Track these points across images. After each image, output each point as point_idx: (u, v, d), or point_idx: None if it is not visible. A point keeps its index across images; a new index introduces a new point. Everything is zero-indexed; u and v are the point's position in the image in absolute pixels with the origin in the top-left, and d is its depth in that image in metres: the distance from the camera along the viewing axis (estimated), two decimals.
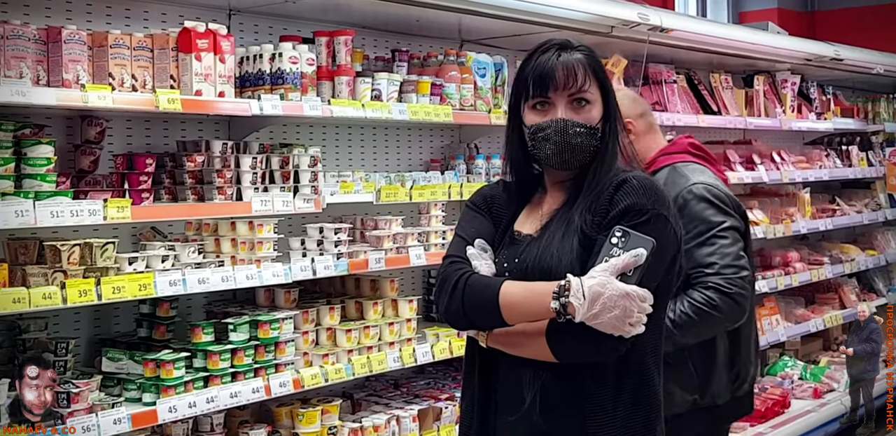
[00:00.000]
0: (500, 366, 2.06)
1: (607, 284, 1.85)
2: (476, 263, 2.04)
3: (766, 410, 5.33)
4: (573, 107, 2.04)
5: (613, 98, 2.11)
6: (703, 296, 2.63)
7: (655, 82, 5.49)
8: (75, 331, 3.43)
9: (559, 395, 1.98)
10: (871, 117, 7.62)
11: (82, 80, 3.00)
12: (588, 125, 2.04)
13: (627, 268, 1.87)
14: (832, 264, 6.57)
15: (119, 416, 2.99)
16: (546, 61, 2.04)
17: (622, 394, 1.98)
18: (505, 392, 2.05)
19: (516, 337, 1.98)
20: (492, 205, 2.16)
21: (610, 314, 1.84)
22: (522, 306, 1.93)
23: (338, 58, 3.76)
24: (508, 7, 4.13)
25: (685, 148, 2.98)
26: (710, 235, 2.70)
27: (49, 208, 2.81)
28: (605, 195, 2.00)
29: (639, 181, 2.01)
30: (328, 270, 3.59)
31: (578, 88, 2.03)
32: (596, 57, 2.10)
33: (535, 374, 1.99)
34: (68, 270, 2.90)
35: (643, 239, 1.89)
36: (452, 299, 2.00)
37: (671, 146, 3.00)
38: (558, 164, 2.05)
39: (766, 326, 5.92)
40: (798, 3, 11.08)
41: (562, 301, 1.86)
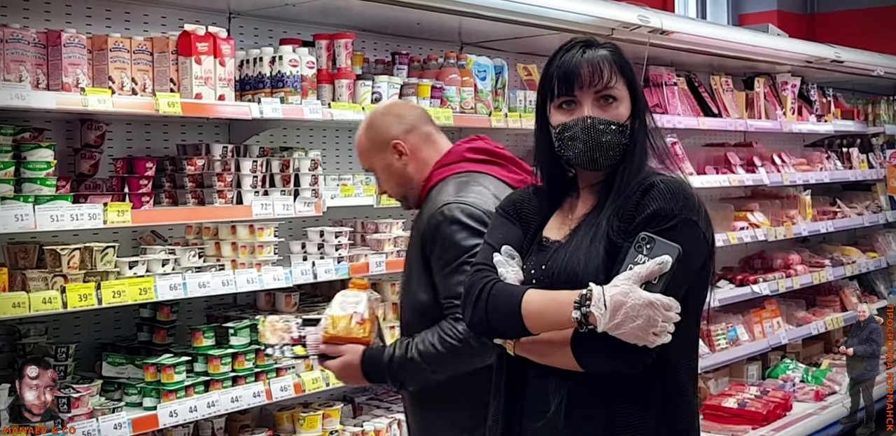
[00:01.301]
0: (527, 373, 2.03)
1: (630, 293, 1.80)
2: (502, 270, 2.00)
3: (768, 413, 5.32)
4: (600, 104, 1.99)
5: (642, 95, 2.06)
6: (452, 328, 2.37)
7: (656, 85, 5.48)
8: (75, 335, 3.42)
9: (585, 403, 1.94)
10: (871, 119, 7.61)
11: (82, 83, 2.99)
12: (617, 122, 1.99)
13: (652, 276, 1.82)
14: (833, 267, 6.57)
15: (120, 421, 2.98)
16: (571, 59, 1.99)
17: (651, 404, 1.93)
18: (531, 399, 2.02)
19: (542, 346, 1.95)
20: (521, 210, 2.11)
21: (633, 324, 1.79)
22: (545, 316, 1.90)
23: (338, 61, 3.75)
24: (509, 10, 4.12)
25: (461, 156, 2.63)
26: (460, 263, 2.38)
27: (49, 212, 2.80)
28: (633, 200, 1.95)
29: (667, 185, 1.96)
30: (329, 274, 3.58)
31: (605, 85, 1.98)
32: (622, 53, 2.05)
33: (561, 382, 1.95)
34: (68, 275, 2.89)
35: (669, 246, 1.83)
36: (476, 309, 1.98)
37: (447, 156, 2.65)
38: (587, 163, 2.00)
39: (768, 328, 5.92)
40: (798, 5, 11.09)
41: (583, 311, 1.82)
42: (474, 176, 2.58)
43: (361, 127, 2.71)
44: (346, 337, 2.46)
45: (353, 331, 2.46)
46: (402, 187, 2.69)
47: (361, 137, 2.70)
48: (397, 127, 2.65)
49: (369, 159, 2.70)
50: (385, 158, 2.65)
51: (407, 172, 2.65)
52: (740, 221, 5.83)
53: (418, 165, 2.64)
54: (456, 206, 2.45)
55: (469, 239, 2.41)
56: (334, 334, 2.46)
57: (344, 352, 2.46)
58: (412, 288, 2.55)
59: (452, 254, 2.42)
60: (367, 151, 2.69)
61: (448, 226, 2.43)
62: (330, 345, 2.47)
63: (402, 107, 2.80)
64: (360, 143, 2.71)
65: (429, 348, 2.40)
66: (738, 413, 5.27)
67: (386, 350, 2.46)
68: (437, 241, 2.46)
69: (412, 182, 2.66)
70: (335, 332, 2.46)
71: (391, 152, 2.64)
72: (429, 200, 2.58)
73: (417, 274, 2.52)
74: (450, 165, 2.62)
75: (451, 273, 2.41)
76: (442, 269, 2.44)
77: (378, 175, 2.72)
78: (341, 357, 2.47)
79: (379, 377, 2.47)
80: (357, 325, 2.47)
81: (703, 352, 5.30)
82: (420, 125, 2.68)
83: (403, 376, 2.44)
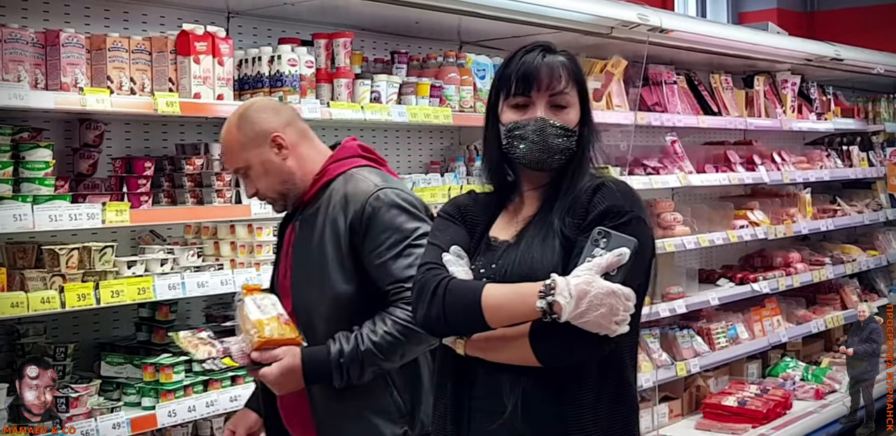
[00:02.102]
0: (476, 373, 2.03)
1: (593, 282, 1.84)
2: (453, 269, 2.02)
3: (768, 411, 5.32)
4: (552, 109, 2.05)
5: (590, 104, 2.12)
6: (406, 313, 2.28)
7: (655, 83, 5.48)
8: (74, 335, 3.42)
9: (541, 400, 1.96)
10: (871, 117, 7.60)
11: (80, 83, 2.99)
12: (567, 127, 2.05)
13: (611, 267, 1.86)
14: (833, 265, 6.57)
15: (118, 420, 2.98)
16: (531, 61, 2.05)
17: (603, 395, 1.97)
18: (483, 400, 2.02)
19: (497, 342, 1.97)
20: (465, 213, 2.15)
21: (596, 312, 1.83)
22: (506, 308, 1.92)
23: (337, 60, 3.75)
24: (508, 8, 4.12)
25: (356, 151, 2.60)
26: (406, 245, 2.36)
27: (47, 212, 2.80)
28: (583, 199, 2.00)
29: (616, 185, 2.02)
30: None
31: (560, 90, 2.04)
32: (577, 62, 2.12)
33: (516, 380, 1.97)
34: (67, 275, 2.89)
35: (625, 239, 1.89)
36: (432, 305, 1.98)
37: (340, 151, 2.59)
38: (533, 163, 2.05)
39: (768, 327, 5.92)
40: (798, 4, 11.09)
41: (548, 300, 1.85)
42: (376, 170, 2.54)
43: (231, 122, 2.53)
44: (280, 339, 2.31)
45: (286, 332, 2.32)
46: (283, 184, 2.52)
47: (232, 133, 2.52)
48: (275, 120, 2.52)
49: (242, 156, 2.51)
50: (262, 153, 2.49)
51: (287, 167, 2.51)
52: (740, 220, 5.83)
53: (298, 160, 2.53)
54: (391, 190, 2.42)
55: (410, 222, 2.39)
56: (268, 338, 2.29)
57: (280, 356, 2.32)
58: (325, 283, 2.42)
59: (396, 237, 2.37)
60: (241, 147, 2.50)
61: (387, 210, 2.38)
62: (263, 351, 2.31)
63: (275, 102, 2.68)
64: (232, 138, 2.52)
65: (385, 336, 2.32)
66: (738, 412, 5.27)
67: (330, 346, 2.34)
68: (373, 227, 2.38)
69: (294, 178, 2.52)
70: (268, 336, 2.29)
71: (270, 146, 2.49)
72: (332, 193, 2.46)
73: (338, 266, 2.40)
74: (345, 160, 2.55)
75: (395, 257, 2.35)
76: (382, 255, 2.36)
77: (251, 173, 2.53)
78: (278, 362, 2.31)
79: (323, 376, 2.34)
80: (286, 325, 2.33)
81: (704, 350, 5.31)
82: (296, 121, 2.59)
83: (353, 370, 2.33)
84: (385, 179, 2.50)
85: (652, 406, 5.06)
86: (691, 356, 5.20)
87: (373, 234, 2.38)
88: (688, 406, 5.47)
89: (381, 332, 2.32)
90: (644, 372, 4.85)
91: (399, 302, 2.34)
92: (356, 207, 2.40)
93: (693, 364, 5.17)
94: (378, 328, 2.33)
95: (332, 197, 2.46)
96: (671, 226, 5.19)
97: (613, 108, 4.97)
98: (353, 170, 2.52)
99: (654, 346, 5.05)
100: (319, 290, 2.44)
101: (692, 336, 5.33)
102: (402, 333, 2.32)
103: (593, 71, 4.90)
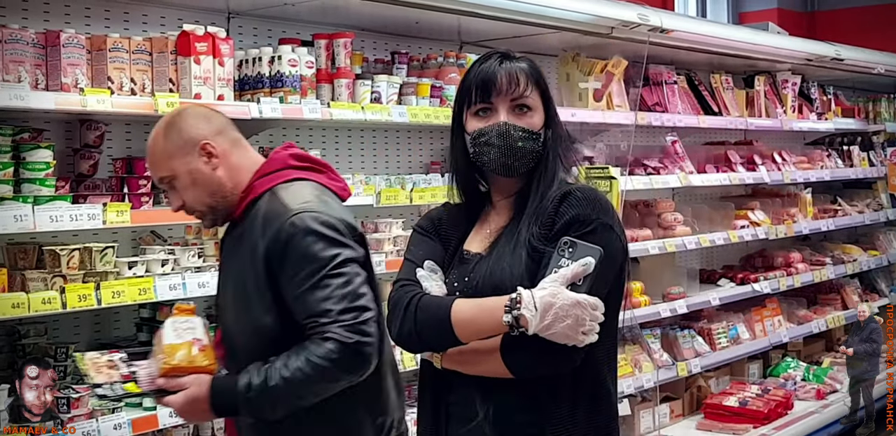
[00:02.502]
0: (453, 385, 2.07)
1: (558, 294, 1.85)
2: (426, 284, 2.05)
3: (770, 411, 5.32)
4: (515, 113, 2.05)
5: (555, 107, 2.12)
6: (320, 349, 2.10)
7: (656, 83, 5.48)
8: (75, 336, 3.42)
9: (513, 408, 1.99)
10: (872, 117, 7.61)
11: (81, 84, 2.99)
12: (530, 130, 2.05)
13: (577, 277, 1.88)
14: (834, 265, 6.56)
15: (119, 421, 2.98)
16: (489, 68, 2.07)
17: (579, 405, 1.99)
18: (456, 406, 2.06)
19: (470, 355, 1.99)
20: (439, 227, 2.17)
21: (562, 324, 1.84)
22: (475, 323, 1.94)
23: (337, 60, 3.75)
24: (508, 8, 4.12)
25: (285, 163, 2.37)
26: (322, 276, 2.14)
27: (48, 213, 2.80)
28: (550, 208, 2.01)
29: (583, 193, 2.02)
30: None
31: (520, 94, 2.05)
32: (537, 67, 2.12)
33: (490, 390, 2.00)
34: (68, 275, 2.89)
35: (590, 248, 1.90)
36: (405, 321, 2.02)
37: (268, 164, 2.37)
38: (501, 169, 2.06)
39: (769, 327, 5.92)
40: (798, 4, 11.09)
41: (514, 314, 1.87)
42: (305, 184, 2.33)
43: (158, 129, 2.36)
44: (188, 367, 2.18)
45: (196, 360, 2.19)
46: (212, 197, 2.33)
47: (158, 140, 2.33)
48: (206, 128, 2.34)
49: (167, 165, 2.32)
50: (189, 162, 2.31)
51: (216, 177, 2.32)
52: (741, 220, 5.83)
53: (230, 171, 2.33)
54: (308, 215, 2.19)
55: (328, 249, 2.17)
56: (175, 365, 2.17)
57: (186, 384, 2.16)
58: (248, 312, 2.25)
59: (311, 268, 2.15)
60: (166, 156, 2.32)
61: (302, 237, 2.17)
62: (169, 378, 2.18)
63: (206, 109, 2.46)
64: (157, 146, 2.34)
65: (295, 373, 2.11)
66: (739, 412, 5.27)
67: (239, 379, 2.15)
68: (289, 256, 2.17)
69: (224, 190, 2.33)
70: (176, 362, 2.17)
71: (198, 155, 2.31)
72: (257, 212, 2.27)
73: (258, 295, 2.22)
74: (274, 173, 2.34)
75: (311, 289, 2.15)
76: (299, 285, 2.16)
77: (177, 184, 2.33)
78: (185, 391, 2.16)
79: (230, 409, 2.18)
80: (199, 352, 2.20)
81: (705, 350, 5.31)
82: (228, 129, 2.40)
83: (264, 406, 2.15)
84: (310, 197, 2.27)
85: (653, 406, 5.06)
86: (692, 356, 5.20)
87: (288, 263, 2.18)
88: (689, 406, 5.47)
89: (293, 368, 2.12)
90: (645, 372, 4.85)
91: (314, 337, 2.13)
92: (272, 233, 2.21)
93: (694, 364, 5.17)
94: (291, 364, 2.12)
95: (255, 218, 2.27)
96: (672, 226, 5.18)
97: (614, 108, 4.97)
98: (281, 186, 2.31)
99: (655, 346, 5.05)
100: (241, 319, 2.29)
101: (693, 336, 5.33)
102: (314, 370, 2.11)
103: (594, 71, 4.90)
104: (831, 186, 7.26)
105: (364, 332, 2.12)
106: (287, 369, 2.12)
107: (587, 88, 4.84)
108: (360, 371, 2.16)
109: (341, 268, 2.16)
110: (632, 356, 4.88)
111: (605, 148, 4.95)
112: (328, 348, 2.10)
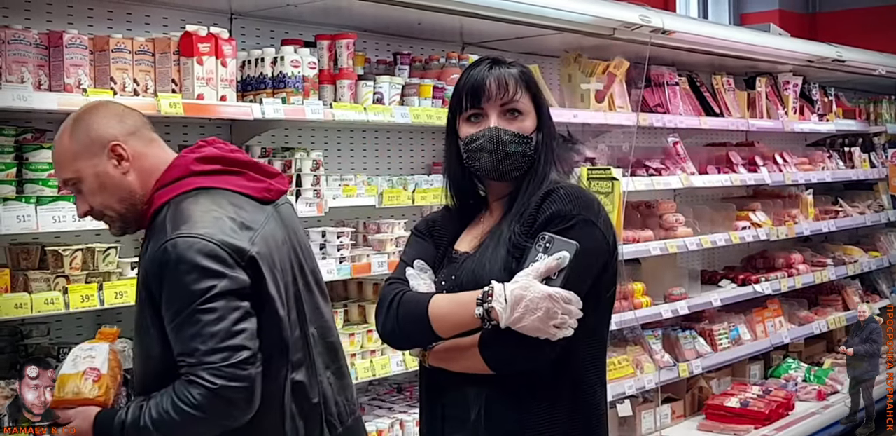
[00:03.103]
0: (445, 384, 2.08)
1: (529, 287, 1.87)
2: (414, 282, 2.09)
3: (771, 412, 5.32)
4: (506, 117, 2.07)
5: (547, 111, 2.13)
6: (184, 392, 1.96)
7: (657, 84, 5.48)
8: (78, 336, 3.42)
9: (503, 409, 2.00)
10: (873, 118, 7.61)
11: (84, 84, 2.99)
12: (521, 134, 2.06)
13: (551, 271, 1.89)
14: (835, 266, 6.57)
15: None
16: (478, 74, 2.09)
17: (560, 403, 2.00)
18: (452, 409, 2.08)
19: (453, 352, 2.02)
20: (433, 228, 2.21)
21: (532, 317, 1.86)
22: (450, 317, 1.97)
23: (339, 61, 3.75)
24: (510, 10, 4.12)
25: (187, 169, 2.16)
26: (191, 311, 1.97)
27: (51, 213, 2.81)
28: (534, 205, 2.02)
29: (565, 190, 2.03)
30: (331, 275, 3.58)
31: (510, 98, 2.07)
32: (528, 72, 2.14)
33: (479, 390, 2.02)
34: (70, 276, 2.89)
35: (566, 243, 1.91)
36: (388, 318, 2.05)
37: (169, 171, 2.17)
38: (493, 173, 2.07)
39: (770, 328, 5.92)
40: (799, 5, 11.09)
41: (485, 307, 1.89)
42: (205, 195, 2.13)
43: (66, 125, 2.19)
44: (74, 399, 2.10)
45: (84, 391, 2.10)
46: (121, 203, 2.17)
47: (64, 138, 2.16)
48: (117, 127, 2.17)
49: (73, 165, 2.15)
50: (97, 164, 2.14)
51: (127, 182, 2.16)
52: (742, 221, 5.84)
53: (142, 175, 2.17)
54: (183, 241, 2.00)
55: (200, 282, 1.98)
56: (61, 397, 2.11)
57: (72, 417, 2.09)
58: (144, 340, 2.12)
59: (182, 302, 1.98)
60: (71, 156, 2.15)
61: (175, 267, 1.99)
62: (59, 410, 2.11)
63: (120, 106, 2.26)
64: (63, 145, 2.16)
65: (162, 414, 1.98)
66: (740, 413, 5.27)
67: (118, 414, 2.04)
68: (164, 286, 2.01)
69: (135, 197, 2.17)
70: (62, 395, 2.11)
71: (107, 157, 2.14)
72: (154, 231, 2.11)
73: (148, 323, 2.08)
74: (174, 183, 2.15)
75: (182, 325, 1.98)
76: (172, 320, 2.00)
77: (83, 187, 2.17)
78: (71, 423, 2.09)
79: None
80: (92, 383, 2.11)
81: (706, 351, 5.31)
82: (144, 129, 2.22)
83: None
84: (197, 217, 2.06)
85: (654, 407, 5.06)
86: (693, 357, 5.20)
87: (165, 293, 2.02)
88: (690, 407, 5.47)
89: (162, 410, 1.99)
90: (646, 373, 4.85)
91: (183, 378, 1.98)
92: (150, 257, 2.06)
93: (695, 365, 5.17)
94: (161, 404, 1.99)
95: (152, 235, 2.12)
96: (673, 227, 5.19)
97: (615, 109, 4.98)
98: (177, 199, 2.12)
99: (656, 347, 5.05)
100: (138, 344, 2.16)
101: (694, 337, 5.33)
102: (180, 415, 1.97)
103: (595, 72, 4.90)
104: (832, 188, 7.26)
105: (233, 375, 1.95)
106: (156, 411, 2.00)
107: (589, 90, 4.85)
108: (232, 417, 2.00)
109: (213, 302, 1.97)
110: (633, 357, 4.88)
111: (607, 149, 4.95)
112: (192, 392, 1.96)
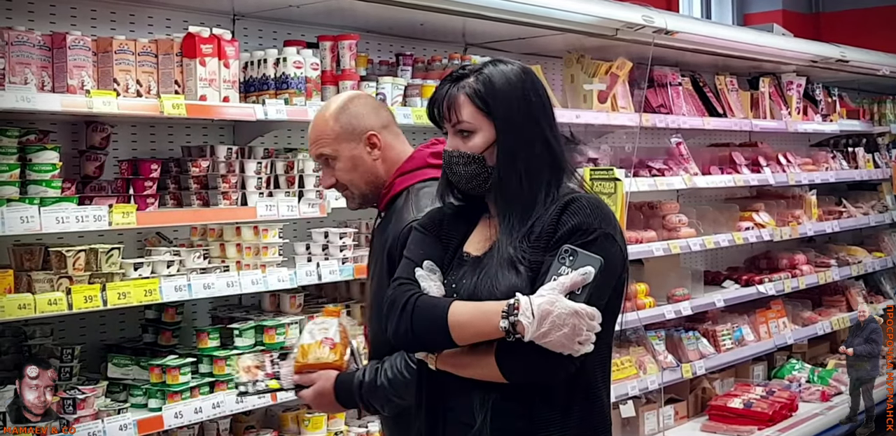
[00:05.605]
0: (449, 388, 2.06)
1: (556, 302, 1.84)
2: (424, 284, 2.04)
3: (774, 413, 5.31)
4: (460, 137, 2.07)
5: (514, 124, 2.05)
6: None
7: (660, 85, 5.47)
8: (81, 337, 3.43)
9: (509, 416, 1.98)
10: (876, 119, 7.60)
11: (87, 85, 3.00)
12: (468, 154, 2.04)
13: (576, 286, 1.87)
14: (839, 267, 6.56)
15: (125, 422, 2.99)
16: (436, 95, 2.10)
17: (571, 415, 1.98)
18: (455, 414, 2.05)
19: (466, 358, 1.99)
20: (441, 227, 2.16)
21: (559, 333, 1.83)
22: (471, 326, 1.93)
23: (342, 62, 3.75)
24: (512, 10, 4.12)
25: (424, 161, 2.47)
26: None
27: (54, 214, 2.81)
28: (552, 216, 1.99)
29: (586, 201, 2.00)
30: (333, 275, 3.58)
31: (457, 120, 2.05)
32: (489, 83, 2.05)
33: (485, 396, 1.99)
34: (74, 276, 2.90)
35: (591, 257, 1.88)
36: (401, 321, 2.00)
37: (409, 162, 2.49)
38: (465, 190, 2.10)
39: (773, 328, 5.91)
40: (803, 5, 11.07)
41: (511, 320, 1.86)
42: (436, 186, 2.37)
43: (332, 109, 2.48)
44: (316, 364, 2.38)
45: (324, 357, 2.38)
46: (367, 185, 2.50)
47: (329, 120, 2.47)
48: (374, 119, 2.49)
49: (333, 145, 2.46)
50: (354, 148, 2.46)
51: (376, 167, 2.48)
52: (745, 221, 5.83)
53: (387, 163, 2.49)
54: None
55: None
56: (305, 363, 2.38)
57: (315, 380, 2.36)
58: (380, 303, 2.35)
59: None
60: (334, 136, 2.46)
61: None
62: (303, 375, 2.38)
63: (376, 101, 2.63)
64: (326, 125, 2.46)
65: (396, 374, 2.27)
66: (743, 414, 5.27)
67: (356, 375, 2.34)
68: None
69: (379, 181, 2.49)
70: (305, 360, 2.38)
71: (364, 144, 2.46)
72: (394, 212, 2.42)
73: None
74: (412, 172, 2.46)
75: None
76: None
77: (336, 164, 2.47)
78: (314, 385, 2.36)
79: (352, 402, 2.36)
80: (329, 350, 2.39)
81: (709, 352, 5.30)
82: (392, 124, 2.55)
83: (374, 401, 2.32)
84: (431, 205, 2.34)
85: (657, 408, 5.06)
86: (697, 358, 5.19)
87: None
88: (693, 408, 5.47)
89: (396, 370, 2.27)
90: (650, 374, 4.85)
91: None
92: (392, 238, 2.35)
93: (699, 366, 5.16)
94: (395, 365, 2.28)
95: (393, 213, 2.41)
96: (676, 227, 5.18)
97: (618, 109, 4.98)
98: (417, 185, 2.43)
99: (659, 348, 5.04)
100: (376, 313, 2.40)
101: (698, 338, 5.32)
102: (413, 374, 2.22)
103: (598, 72, 4.90)
104: (836, 188, 7.25)
105: None
106: (391, 371, 2.28)
107: (592, 90, 4.84)
108: None
109: None
110: (636, 358, 4.88)
111: (610, 150, 4.95)
112: None
